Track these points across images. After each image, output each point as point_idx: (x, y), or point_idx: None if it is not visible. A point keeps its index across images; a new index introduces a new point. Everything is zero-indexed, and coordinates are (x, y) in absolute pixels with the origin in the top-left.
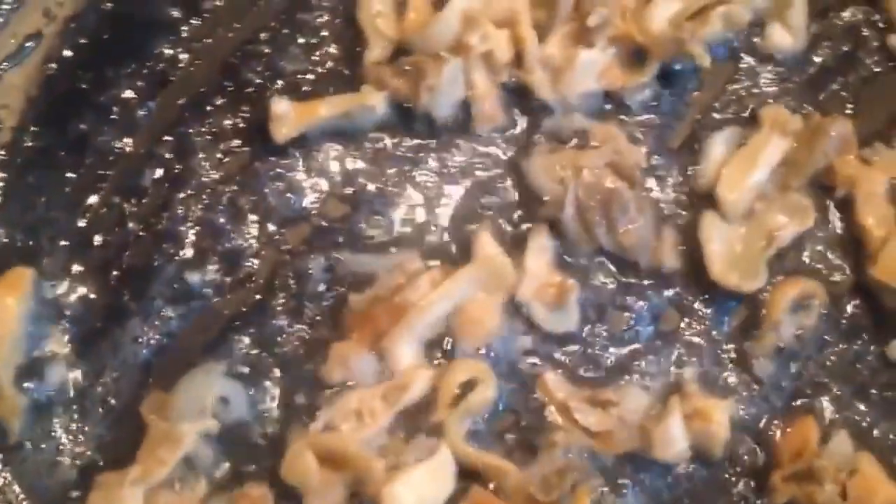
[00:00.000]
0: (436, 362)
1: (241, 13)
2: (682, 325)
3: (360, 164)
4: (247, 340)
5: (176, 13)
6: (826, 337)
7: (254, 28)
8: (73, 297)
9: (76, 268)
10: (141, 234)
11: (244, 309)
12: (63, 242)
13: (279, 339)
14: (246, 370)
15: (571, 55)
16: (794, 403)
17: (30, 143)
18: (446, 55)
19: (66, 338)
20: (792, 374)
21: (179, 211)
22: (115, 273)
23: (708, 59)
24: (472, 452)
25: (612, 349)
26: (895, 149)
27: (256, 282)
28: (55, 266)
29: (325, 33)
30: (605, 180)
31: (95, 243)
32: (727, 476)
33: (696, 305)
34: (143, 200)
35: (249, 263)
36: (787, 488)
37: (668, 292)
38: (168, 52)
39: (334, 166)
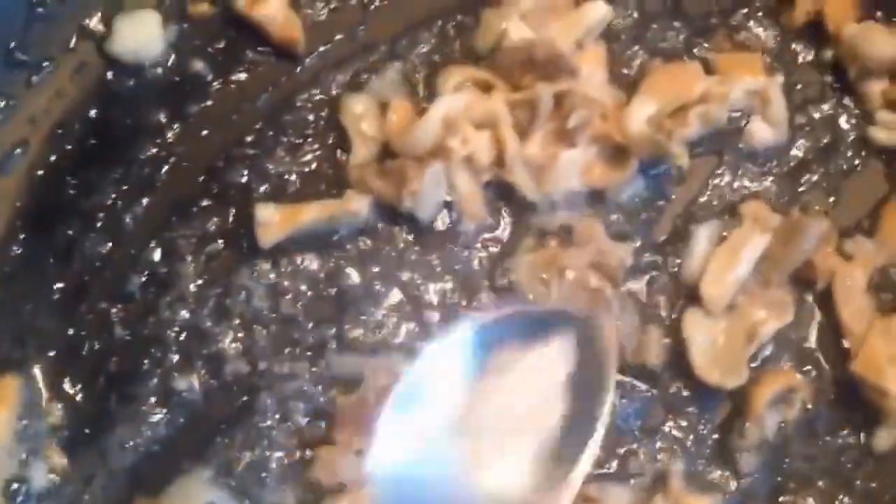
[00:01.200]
0: None
1: (226, 116)
2: (667, 420)
3: (345, 265)
4: (234, 443)
5: (161, 117)
6: (809, 430)
7: (239, 130)
8: (61, 406)
9: (64, 376)
10: (128, 339)
11: (231, 412)
12: (51, 352)
13: (267, 442)
14: (233, 475)
15: (553, 155)
16: (779, 499)
17: (17, 251)
18: (428, 159)
19: (55, 446)
20: (776, 469)
21: (165, 315)
22: (102, 380)
23: (686, 158)
24: None
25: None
26: (876, 241)
27: (242, 384)
28: (43, 375)
29: (309, 134)
30: (588, 280)
31: (83, 351)
32: None
33: (681, 401)
34: (130, 306)
35: (235, 366)
36: None
37: (653, 388)
38: (153, 156)
39: (320, 268)
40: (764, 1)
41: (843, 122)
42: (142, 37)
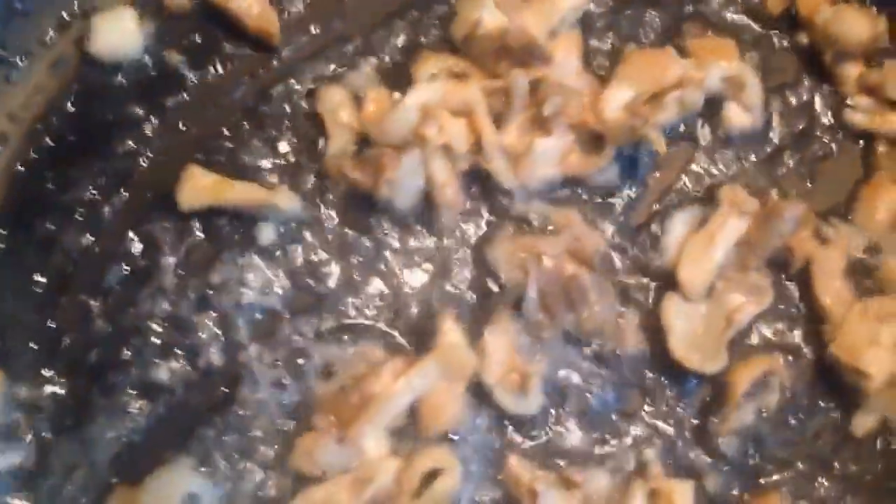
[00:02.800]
0: (401, 451)
1: (204, 109)
2: (646, 405)
3: (324, 256)
4: (214, 433)
5: (139, 111)
6: (789, 414)
7: (216, 123)
8: (43, 397)
9: (46, 368)
10: (108, 331)
11: (211, 402)
12: (32, 344)
13: (247, 431)
14: (214, 464)
15: (529, 142)
16: (759, 481)
17: None
18: (405, 147)
19: (37, 438)
20: (756, 452)
21: (145, 307)
22: (83, 371)
23: (663, 143)
24: None
25: (576, 431)
26: (851, 224)
27: (222, 374)
28: (25, 367)
29: (287, 126)
30: (565, 266)
31: (64, 343)
32: None
33: (660, 386)
34: (110, 298)
35: (215, 357)
36: None
37: (631, 373)
38: (132, 149)
39: (299, 258)
40: None
41: (819, 106)
42: (119, 34)
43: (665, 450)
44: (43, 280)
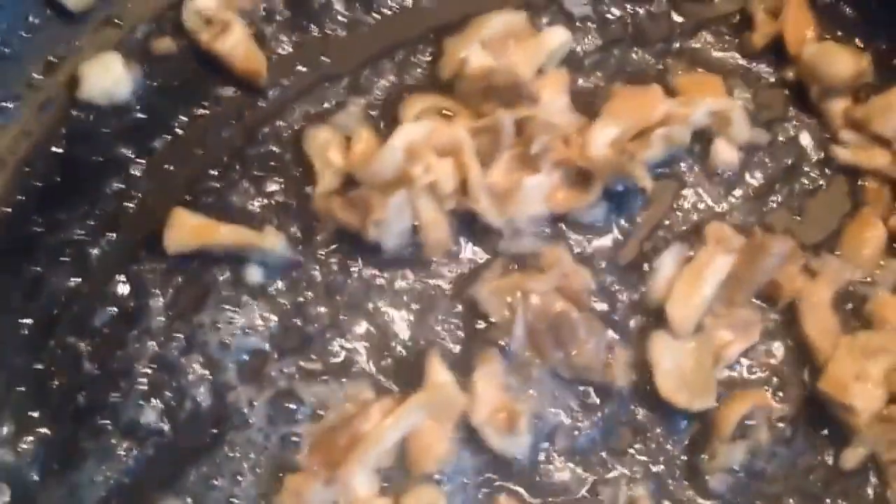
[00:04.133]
0: (389, 490)
1: (191, 150)
2: (635, 442)
3: (312, 296)
4: (203, 474)
5: (126, 153)
6: (778, 449)
7: (203, 164)
8: (30, 440)
9: (33, 410)
10: (96, 373)
11: (199, 443)
12: (20, 388)
13: (235, 472)
14: None
15: (517, 180)
16: None
17: None
18: (392, 187)
19: (25, 481)
20: (746, 489)
21: (133, 349)
22: (71, 413)
23: (650, 180)
24: None
25: (565, 469)
26: (838, 259)
27: (210, 415)
28: (12, 410)
29: (274, 167)
30: (553, 304)
31: (51, 386)
32: None
33: (649, 422)
34: (98, 340)
35: (203, 398)
36: None
37: (621, 410)
38: (119, 191)
39: (286, 299)
40: (725, 23)
41: (806, 141)
42: (108, 80)
43: (655, 487)
44: (30, 322)
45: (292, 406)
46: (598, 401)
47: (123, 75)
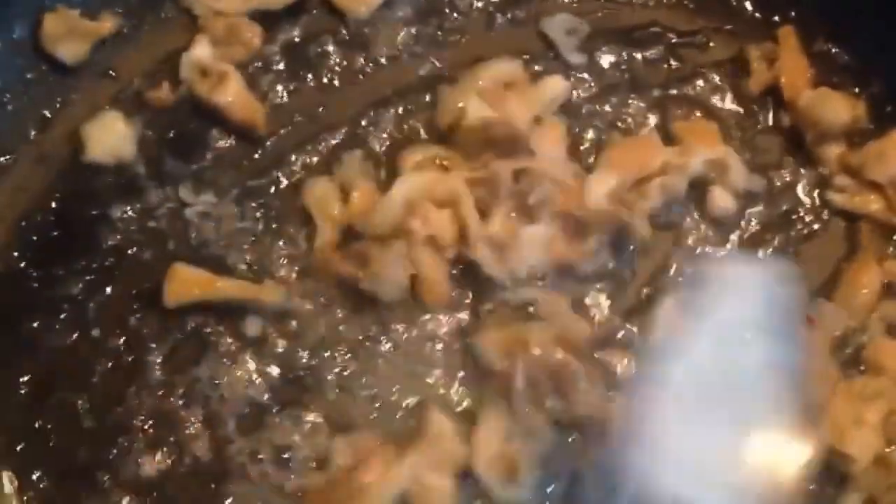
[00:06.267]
0: None
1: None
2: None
3: (311, 348)
4: None
5: (123, 207)
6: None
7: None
8: (32, 498)
9: (34, 469)
10: (95, 428)
11: (200, 497)
12: (19, 446)
13: None
14: None
15: (515, 231)
16: None
17: None
18: (391, 239)
19: None
20: None
21: (132, 403)
22: (71, 471)
23: (648, 229)
24: None
25: None
26: (837, 304)
27: (210, 469)
28: (13, 469)
29: (272, 217)
30: (553, 354)
31: (51, 443)
32: None
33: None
34: (96, 395)
35: (203, 452)
36: None
37: (621, 458)
38: (116, 245)
39: (285, 351)
40: (721, 70)
41: (802, 186)
42: (112, 139)
43: None
44: (28, 379)
45: (293, 459)
46: (598, 450)
47: (126, 133)
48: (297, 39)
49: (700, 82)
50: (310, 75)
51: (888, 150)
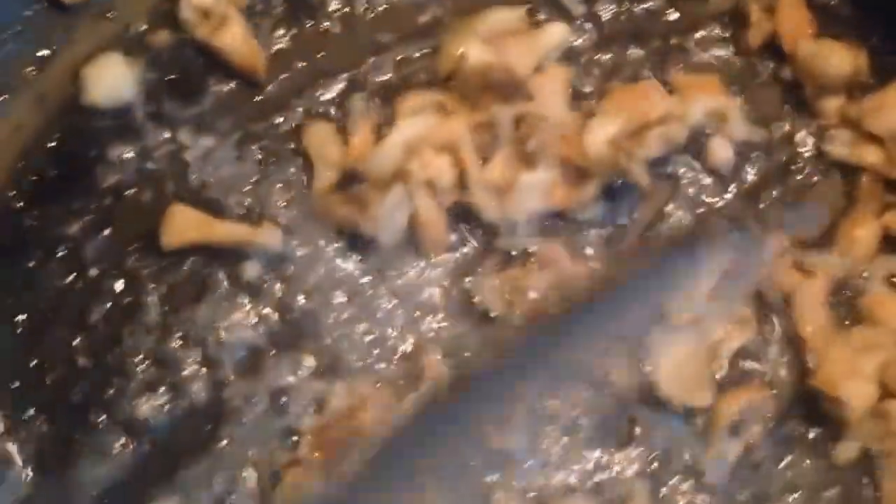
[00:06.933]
0: None
1: (187, 145)
2: (632, 437)
3: (309, 292)
4: (200, 470)
5: (122, 149)
6: (773, 444)
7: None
8: (25, 438)
9: (28, 407)
10: (91, 368)
11: (196, 439)
12: (14, 384)
13: (233, 467)
14: (200, 501)
15: (514, 177)
16: None
17: None
18: (390, 183)
19: (20, 479)
20: (742, 483)
21: (129, 344)
22: (67, 410)
23: (647, 178)
24: None
25: (562, 464)
26: (833, 255)
27: (207, 411)
28: (8, 407)
29: (272, 162)
30: (551, 300)
31: (47, 381)
32: None
33: (647, 418)
34: (93, 335)
35: (200, 394)
36: None
37: (618, 406)
38: (114, 186)
39: (283, 294)
40: (721, 21)
41: (801, 138)
42: (112, 81)
43: (651, 482)
44: (24, 317)
45: (289, 402)
46: (594, 396)
47: (126, 75)
48: None
49: (700, 34)
50: (310, 21)
51: (888, 103)
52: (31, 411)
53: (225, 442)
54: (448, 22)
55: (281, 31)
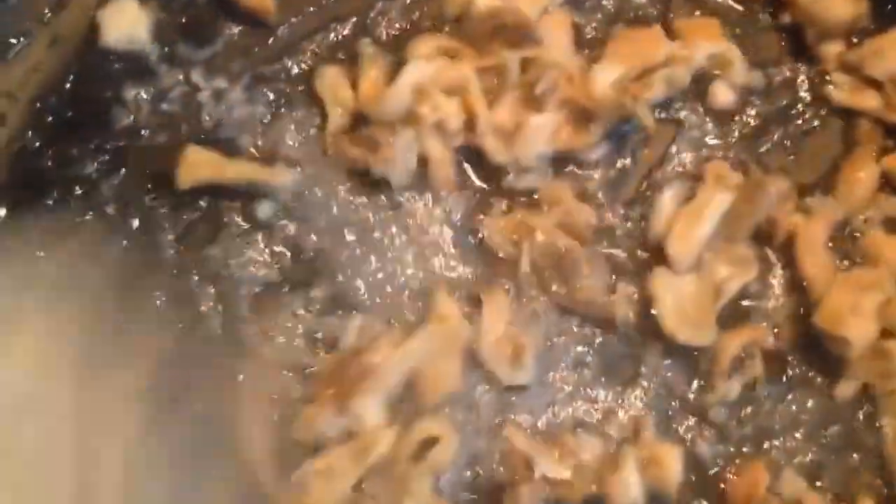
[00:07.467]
0: (399, 421)
1: (200, 87)
2: (637, 375)
3: (322, 231)
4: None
5: (137, 90)
6: (775, 382)
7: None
8: None
9: None
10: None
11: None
12: None
13: (248, 404)
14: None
15: (521, 120)
16: (745, 449)
17: None
18: (400, 125)
19: None
20: (743, 420)
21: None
22: None
23: (652, 119)
24: None
25: (570, 400)
26: (833, 197)
27: (223, 348)
28: None
29: (284, 104)
30: (557, 240)
31: None
32: None
33: (650, 356)
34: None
35: (216, 331)
36: None
37: (623, 344)
38: (129, 127)
39: (296, 234)
40: None
41: (801, 83)
42: (127, 24)
43: (656, 418)
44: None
45: (304, 338)
46: (601, 335)
47: (141, 17)
48: None
49: None
50: None
51: (887, 48)
52: None
53: (240, 377)
54: None
55: None
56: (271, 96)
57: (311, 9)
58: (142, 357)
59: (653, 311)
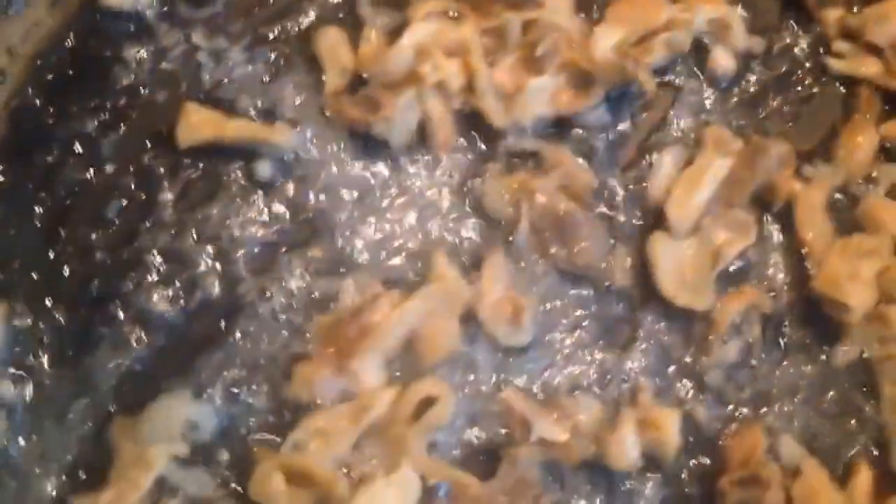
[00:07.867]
0: (397, 380)
1: (200, 47)
2: (635, 338)
3: (321, 191)
4: (213, 363)
5: (137, 48)
6: (772, 347)
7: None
8: (44, 327)
9: (47, 298)
10: (108, 262)
11: (210, 333)
12: (34, 274)
13: (246, 361)
14: (213, 393)
15: (522, 82)
16: (742, 412)
17: None
18: (401, 85)
19: (38, 368)
20: (740, 385)
21: (145, 240)
22: (84, 302)
23: (653, 83)
24: (435, 466)
25: (568, 362)
26: (832, 164)
27: (221, 306)
28: (26, 297)
29: (284, 64)
30: (557, 203)
31: (65, 273)
32: (678, 481)
33: (649, 320)
34: (109, 230)
35: (214, 289)
36: (734, 493)
37: (621, 307)
38: (130, 85)
39: (295, 194)
40: None
41: (801, 49)
42: None
43: (654, 381)
44: (41, 211)
45: (302, 298)
46: (599, 298)
47: None
48: None
49: None
50: None
51: (888, 13)
52: (49, 302)
53: (238, 336)
54: None
55: None
56: (271, 57)
57: None
58: None
59: (651, 275)
